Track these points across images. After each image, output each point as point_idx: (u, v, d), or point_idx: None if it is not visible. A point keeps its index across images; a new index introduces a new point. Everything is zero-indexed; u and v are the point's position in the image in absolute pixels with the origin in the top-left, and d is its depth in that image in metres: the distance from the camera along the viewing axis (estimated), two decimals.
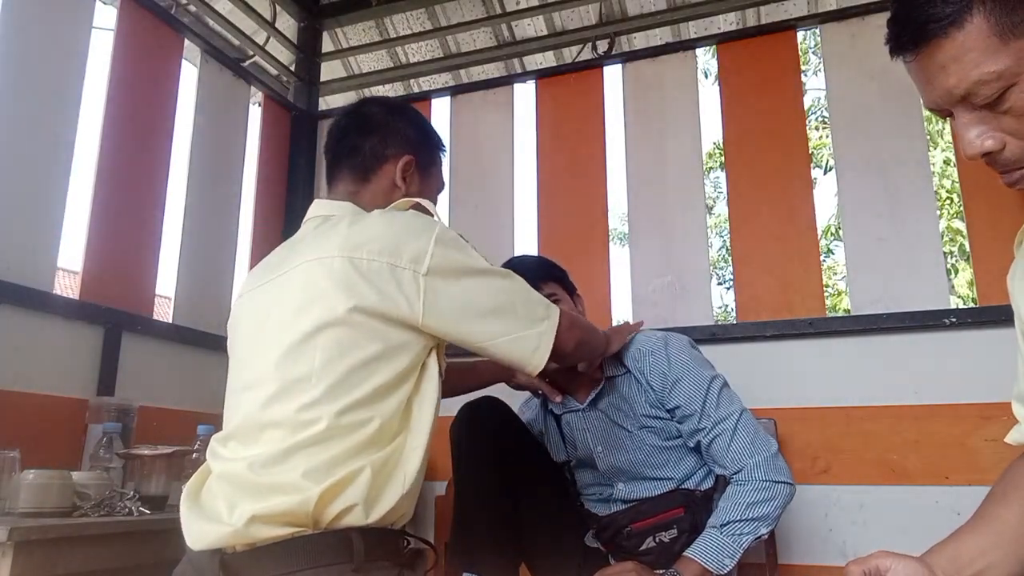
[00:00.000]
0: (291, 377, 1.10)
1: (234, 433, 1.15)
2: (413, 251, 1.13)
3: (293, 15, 3.23)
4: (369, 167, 1.34)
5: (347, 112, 1.44)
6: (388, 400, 1.12)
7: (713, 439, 1.56)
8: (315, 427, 1.07)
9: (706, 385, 1.59)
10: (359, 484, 1.06)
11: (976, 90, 0.77)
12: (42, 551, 1.30)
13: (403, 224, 1.17)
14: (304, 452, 1.06)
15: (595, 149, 2.69)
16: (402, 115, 1.41)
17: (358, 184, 1.34)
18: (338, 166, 1.37)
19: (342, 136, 1.38)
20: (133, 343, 2.17)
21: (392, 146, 1.35)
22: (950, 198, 7.07)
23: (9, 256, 1.87)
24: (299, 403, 1.08)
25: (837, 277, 8.20)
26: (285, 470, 1.05)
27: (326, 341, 1.09)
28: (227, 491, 1.09)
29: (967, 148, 0.81)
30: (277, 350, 1.12)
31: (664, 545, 1.59)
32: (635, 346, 1.69)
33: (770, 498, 1.48)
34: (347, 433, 1.08)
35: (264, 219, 2.89)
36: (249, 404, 1.13)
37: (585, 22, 3.22)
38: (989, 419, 1.98)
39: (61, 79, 2.06)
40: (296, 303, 1.14)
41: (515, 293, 1.22)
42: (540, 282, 1.64)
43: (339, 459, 1.06)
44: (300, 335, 1.10)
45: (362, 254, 1.12)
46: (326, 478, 1.04)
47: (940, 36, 0.77)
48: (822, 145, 7.23)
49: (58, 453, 1.82)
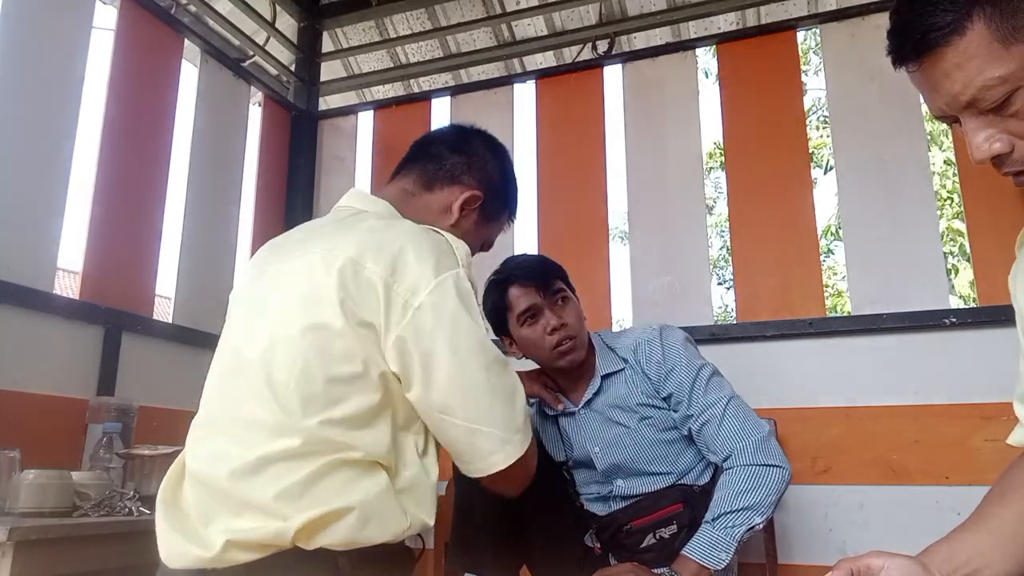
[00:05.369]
0: (273, 376, 1.03)
1: (216, 422, 1.08)
2: (415, 278, 1.04)
3: (293, 15, 3.23)
4: (438, 179, 1.29)
5: (452, 126, 1.44)
6: (371, 431, 1.03)
7: (703, 424, 1.57)
8: (288, 440, 0.99)
9: (695, 372, 1.61)
10: (345, 525, 0.97)
11: (982, 95, 0.77)
12: (42, 551, 1.30)
13: (424, 244, 1.08)
14: (276, 467, 0.99)
15: (595, 149, 2.68)
16: (497, 158, 1.37)
17: (418, 188, 1.29)
18: (411, 164, 1.33)
19: (432, 142, 1.35)
20: (133, 343, 2.18)
21: (470, 174, 1.31)
22: (950, 198, 7.06)
23: (9, 256, 1.87)
24: (277, 406, 1.01)
25: (837, 277, 8.19)
26: (257, 486, 0.98)
27: (311, 344, 1.02)
28: (202, 499, 1.04)
29: (976, 152, 0.81)
30: (264, 341, 1.06)
31: (664, 541, 1.59)
32: (631, 338, 1.70)
33: (761, 485, 1.47)
34: (322, 454, 0.99)
35: (264, 219, 2.89)
36: (235, 393, 1.07)
37: (585, 22, 3.22)
38: (989, 419, 1.98)
39: (61, 79, 2.06)
40: (293, 295, 1.08)
41: (506, 386, 1.09)
42: (551, 279, 1.66)
43: (315, 485, 0.98)
44: (288, 331, 1.04)
45: (367, 261, 1.04)
46: (303, 506, 0.97)
47: (942, 44, 0.77)
48: (822, 145, 7.22)
49: (58, 453, 1.81)
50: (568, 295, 1.69)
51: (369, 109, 3.14)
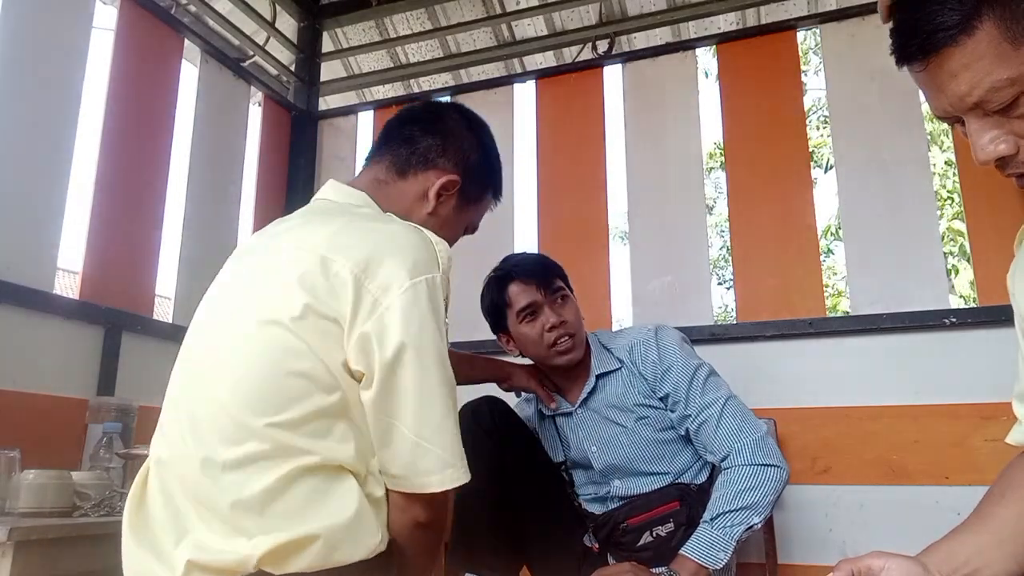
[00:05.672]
0: (229, 373, 0.97)
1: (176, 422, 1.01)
2: (388, 277, 0.97)
3: (293, 15, 3.23)
4: (411, 164, 1.20)
5: (424, 104, 1.32)
6: (330, 435, 0.95)
7: (700, 424, 1.57)
8: (246, 442, 0.92)
9: (692, 372, 1.61)
10: (311, 553, 0.90)
11: (990, 97, 0.75)
12: (42, 551, 1.30)
13: (403, 243, 1.01)
14: (235, 473, 0.92)
15: (595, 149, 2.68)
16: (475, 134, 1.26)
17: (390, 176, 1.21)
18: (381, 151, 1.24)
19: (404, 123, 1.25)
20: (133, 343, 2.18)
21: (446, 157, 1.21)
22: (950, 198, 7.06)
23: (9, 256, 1.87)
24: (239, 402, 0.95)
25: (837, 277, 8.19)
26: (218, 489, 0.92)
27: (268, 339, 0.96)
28: (175, 505, 0.97)
29: (980, 154, 0.80)
30: (225, 338, 1.01)
31: (661, 539, 1.59)
32: (627, 338, 1.71)
33: (759, 484, 1.47)
34: (278, 460, 0.92)
35: (264, 219, 2.88)
36: (194, 392, 1.02)
37: (585, 22, 3.22)
38: (989, 419, 1.98)
39: (61, 79, 2.07)
40: (259, 289, 1.02)
41: (456, 409, 1.02)
42: (551, 277, 1.67)
43: (275, 500, 0.91)
44: (246, 328, 0.99)
45: (338, 255, 0.98)
46: (266, 526, 0.90)
47: (950, 44, 0.75)
48: (822, 144, 7.21)
49: (58, 453, 1.82)
50: (568, 294, 1.70)
51: (369, 109, 3.14)
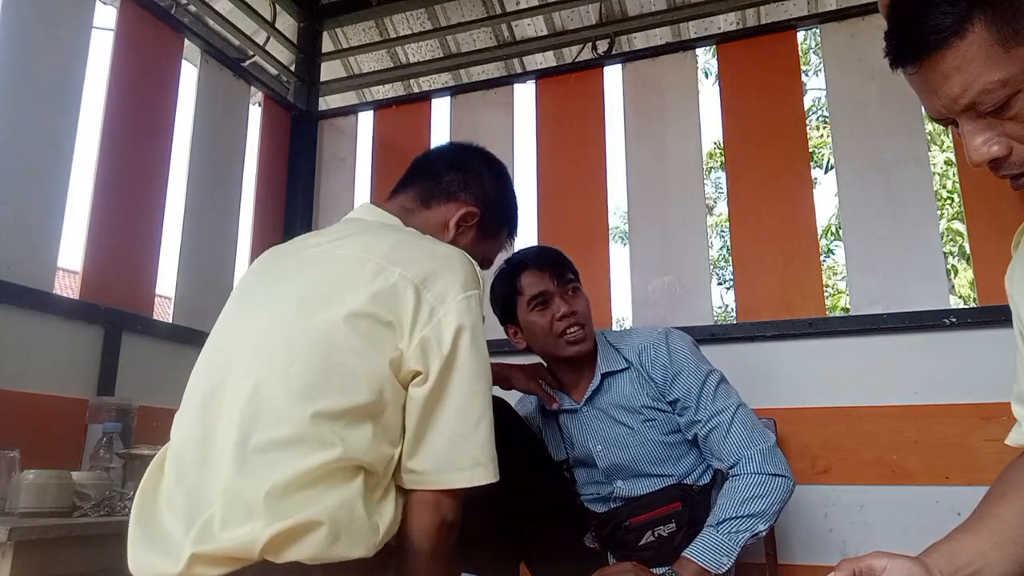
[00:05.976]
0: (292, 359, 1.03)
1: (236, 391, 1.05)
2: (444, 288, 1.09)
3: (293, 15, 3.23)
4: (435, 195, 1.33)
5: (452, 143, 1.49)
6: (356, 436, 1.01)
7: (710, 431, 1.57)
8: (283, 426, 0.99)
9: (703, 378, 1.61)
10: (313, 541, 0.95)
11: (981, 99, 0.76)
12: (42, 551, 1.30)
13: (454, 261, 1.14)
14: (265, 456, 0.98)
15: (595, 149, 2.68)
16: (494, 174, 1.40)
17: (416, 205, 1.33)
18: (408, 183, 1.36)
19: (430, 160, 1.39)
20: (133, 343, 2.17)
21: (467, 191, 1.34)
22: (950, 198, 7.06)
23: (9, 256, 1.87)
24: (288, 388, 1.01)
25: (837, 277, 8.19)
26: (243, 473, 0.98)
27: (327, 331, 1.04)
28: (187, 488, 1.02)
29: (974, 155, 0.80)
30: (298, 323, 1.06)
31: (663, 539, 1.59)
32: (636, 340, 1.70)
33: (766, 493, 1.47)
34: (311, 450, 0.97)
35: (264, 219, 2.89)
36: (262, 368, 1.05)
37: (585, 22, 3.22)
38: (989, 419, 1.98)
39: (61, 79, 2.06)
40: (321, 288, 1.10)
41: (489, 418, 1.10)
42: (564, 269, 1.71)
43: (297, 489, 0.96)
44: (308, 322, 1.06)
45: (399, 266, 1.09)
46: (281, 512, 0.94)
47: (942, 47, 0.76)
48: (822, 144, 7.22)
49: (58, 453, 1.82)
50: (579, 287, 1.71)
51: (369, 109, 3.14)
